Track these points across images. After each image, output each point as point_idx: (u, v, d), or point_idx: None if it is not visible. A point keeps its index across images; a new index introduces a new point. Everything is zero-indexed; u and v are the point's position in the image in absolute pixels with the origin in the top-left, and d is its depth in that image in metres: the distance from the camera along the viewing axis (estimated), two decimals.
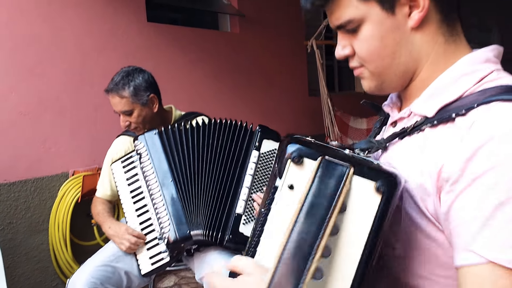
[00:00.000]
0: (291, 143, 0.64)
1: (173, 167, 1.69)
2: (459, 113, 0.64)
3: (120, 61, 2.78)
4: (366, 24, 0.70)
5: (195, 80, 3.31)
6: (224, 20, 3.79)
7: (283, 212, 0.62)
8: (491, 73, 0.68)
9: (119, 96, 1.78)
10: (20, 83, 2.39)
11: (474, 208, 0.58)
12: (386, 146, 0.76)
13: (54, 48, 2.52)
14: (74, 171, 2.59)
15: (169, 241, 1.63)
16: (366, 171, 0.60)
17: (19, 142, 2.39)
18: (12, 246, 2.38)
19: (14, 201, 2.38)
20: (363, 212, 0.59)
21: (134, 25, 2.91)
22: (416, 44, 0.70)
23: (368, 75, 0.75)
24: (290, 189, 0.63)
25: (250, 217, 1.64)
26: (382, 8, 0.68)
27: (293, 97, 4.22)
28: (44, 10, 2.47)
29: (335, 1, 0.71)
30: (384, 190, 0.58)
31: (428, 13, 0.68)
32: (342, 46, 0.75)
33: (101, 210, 1.90)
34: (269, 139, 1.71)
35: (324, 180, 0.59)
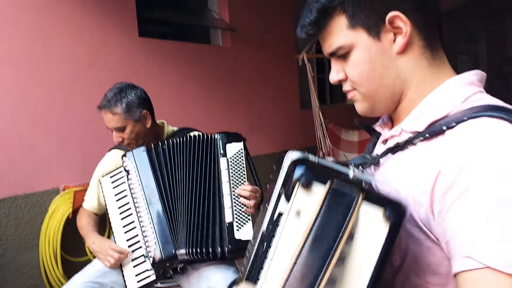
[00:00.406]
0: (299, 165, 0.62)
1: (160, 185, 1.69)
2: (449, 126, 0.67)
3: (112, 76, 2.79)
4: (355, 50, 0.76)
5: (187, 94, 3.32)
6: (216, 34, 3.82)
7: (289, 238, 0.61)
8: (474, 94, 0.72)
9: (111, 113, 1.78)
10: (10, 99, 2.39)
11: (468, 217, 0.60)
12: (379, 161, 0.79)
13: (44, 63, 2.52)
14: (65, 187, 2.58)
15: (155, 260, 1.63)
16: (374, 198, 0.60)
17: (10, 157, 2.38)
18: (2, 263, 2.35)
19: (4, 218, 2.36)
20: (371, 240, 0.59)
21: (126, 40, 2.92)
22: (402, 67, 0.76)
23: (360, 97, 0.80)
24: (297, 215, 0.61)
25: (241, 221, 1.65)
26: (369, 35, 0.74)
27: (285, 110, 4.25)
28: (35, 25, 2.48)
29: (326, 30, 0.77)
30: (393, 218, 0.59)
31: (411, 39, 0.74)
32: (335, 71, 0.81)
33: (85, 224, 1.90)
34: (231, 142, 1.73)
35: (333, 207, 0.59)
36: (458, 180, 0.61)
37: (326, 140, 3.82)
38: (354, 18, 0.75)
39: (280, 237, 0.62)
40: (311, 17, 0.77)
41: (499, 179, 0.59)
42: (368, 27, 0.74)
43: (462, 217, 0.61)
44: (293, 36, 4.38)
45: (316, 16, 0.77)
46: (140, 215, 1.69)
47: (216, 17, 3.73)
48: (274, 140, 4.08)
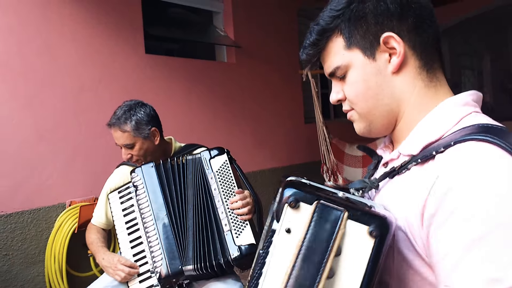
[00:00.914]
0: (287, 187, 0.66)
1: (168, 200, 1.73)
2: (438, 151, 0.68)
3: (118, 92, 2.83)
4: (352, 70, 0.79)
5: (193, 109, 3.36)
6: (221, 50, 3.87)
7: (281, 256, 0.64)
8: (469, 114, 0.73)
9: (121, 131, 1.82)
10: (17, 115, 2.42)
11: (449, 242, 0.60)
12: (378, 185, 0.80)
13: (52, 79, 2.56)
14: (71, 202, 2.60)
15: (161, 276, 1.65)
16: (359, 215, 0.62)
17: (16, 173, 2.41)
18: (8, 278, 2.36)
19: (10, 233, 2.37)
20: (358, 255, 0.61)
21: (132, 56, 2.97)
22: (397, 87, 0.77)
23: (357, 117, 0.83)
24: (287, 233, 0.65)
25: (239, 228, 1.68)
26: (364, 55, 0.77)
27: (289, 125, 4.27)
28: (43, 41, 2.53)
29: (326, 51, 0.81)
30: (377, 234, 0.61)
31: (406, 59, 0.76)
32: (335, 92, 0.85)
33: (95, 240, 1.91)
34: (215, 157, 1.79)
35: (320, 224, 0.62)
36: (443, 205, 0.61)
37: (330, 155, 3.83)
38: (350, 39, 0.78)
39: (273, 254, 0.66)
40: (311, 39, 0.82)
41: (481, 203, 0.58)
42: (363, 47, 0.77)
43: (444, 243, 0.61)
44: (297, 52, 4.41)
45: (315, 37, 0.81)
46: (147, 230, 1.71)
47: (221, 33, 3.78)
48: (279, 155, 4.09)
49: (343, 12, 0.78)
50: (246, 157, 3.75)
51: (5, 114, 2.38)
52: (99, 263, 1.82)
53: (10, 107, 2.40)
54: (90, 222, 2.02)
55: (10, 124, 2.39)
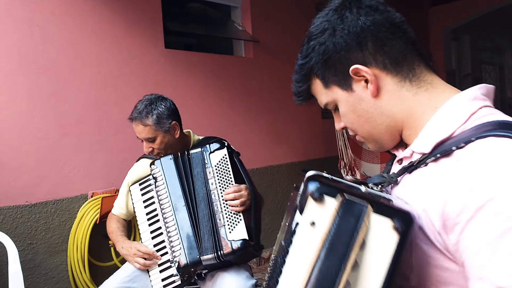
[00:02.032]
0: (311, 181, 0.67)
1: (186, 192, 1.77)
2: (459, 146, 0.68)
3: (139, 86, 2.88)
4: (339, 104, 0.84)
5: (211, 104, 3.39)
6: (239, 45, 3.89)
7: (305, 247, 0.65)
8: (479, 109, 0.73)
9: (142, 124, 1.85)
10: (42, 108, 2.49)
11: (480, 238, 0.61)
12: (397, 181, 0.81)
13: (74, 74, 2.62)
14: (93, 193, 2.66)
15: (180, 265, 1.69)
16: (383, 209, 0.64)
17: (41, 165, 2.48)
18: (32, 267, 2.43)
19: (34, 222, 2.45)
20: (381, 249, 0.63)
21: (152, 51, 3.01)
22: (384, 107, 0.80)
23: (364, 139, 0.87)
24: (312, 225, 0.66)
25: (232, 223, 1.72)
26: (343, 89, 0.81)
27: (306, 120, 4.27)
28: (65, 38, 2.58)
29: (313, 92, 0.88)
30: (401, 228, 0.62)
31: (381, 81, 0.78)
32: (337, 122, 0.89)
33: (115, 229, 1.97)
34: (214, 151, 1.82)
35: (345, 218, 0.63)
36: (470, 201, 0.62)
37: (347, 150, 3.83)
38: (325, 79, 0.82)
39: (296, 246, 0.67)
40: (295, 87, 0.89)
41: (509, 197, 0.59)
42: (339, 83, 0.81)
43: (474, 238, 0.62)
44: None
45: (298, 85, 0.88)
46: (166, 221, 1.76)
47: (239, 28, 3.80)
48: (296, 150, 4.10)
49: (310, 57, 0.82)
50: (263, 152, 3.77)
51: (29, 108, 2.44)
52: (119, 251, 1.88)
53: (33, 102, 2.46)
54: (111, 212, 2.07)
55: (34, 118, 2.46)
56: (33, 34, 2.46)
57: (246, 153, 1.91)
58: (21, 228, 2.39)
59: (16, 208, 2.38)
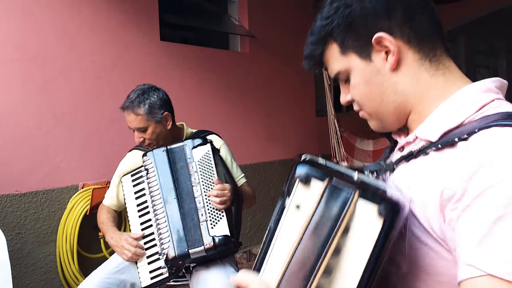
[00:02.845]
0: (300, 164, 0.67)
1: (177, 184, 1.76)
2: (461, 138, 0.67)
3: (133, 78, 2.86)
4: (352, 73, 0.80)
5: (205, 98, 3.38)
6: (235, 40, 3.88)
7: (289, 230, 0.65)
8: (492, 101, 0.71)
9: (134, 114, 1.84)
10: (35, 98, 2.47)
11: (474, 225, 0.60)
12: (394, 168, 0.79)
13: (69, 64, 2.60)
14: (84, 184, 2.64)
15: (168, 258, 1.69)
16: (370, 195, 0.62)
17: (32, 154, 2.46)
18: (20, 256, 2.42)
19: (24, 212, 2.43)
20: (365, 235, 0.61)
21: (148, 43, 2.99)
22: (399, 83, 0.77)
23: (368, 116, 0.84)
24: (297, 208, 0.65)
25: (214, 219, 1.72)
26: (361, 58, 0.77)
27: (300, 117, 4.27)
28: (60, 27, 2.56)
29: (325, 59, 0.83)
30: (386, 215, 0.60)
31: (403, 55, 0.75)
32: (344, 94, 0.86)
33: (105, 219, 1.96)
34: (197, 147, 1.81)
35: (330, 202, 0.62)
36: (468, 189, 0.61)
37: (340, 148, 3.84)
38: (344, 45, 0.78)
39: (281, 228, 0.66)
40: (308, 50, 0.84)
41: (505, 186, 0.59)
42: (358, 51, 0.77)
43: (468, 224, 0.61)
44: None
45: (312, 48, 0.83)
46: (156, 213, 1.76)
47: (236, 23, 3.78)
48: (289, 147, 4.11)
49: (332, 19, 0.78)
50: (256, 148, 3.77)
51: (22, 97, 2.42)
52: (108, 242, 1.87)
53: (26, 91, 2.44)
54: (102, 203, 2.06)
55: (26, 107, 2.44)
56: (27, 23, 2.43)
57: (239, 149, 1.91)
58: (10, 217, 2.37)
59: (5, 197, 2.36)
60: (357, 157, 3.93)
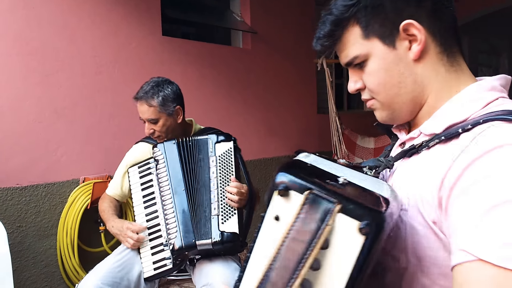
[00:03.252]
0: (281, 171, 0.63)
1: (186, 176, 1.78)
2: (465, 129, 0.67)
3: (135, 73, 2.86)
4: (371, 59, 0.77)
5: (206, 93, 3.38)
6: (237, 36, 3.87)
7: (268, 243, 0.62)
8: (496, 99, 0.72)
9: (147, 104, 1.86)
10: (36, 91, 2.46)
11: (468, 211, 0.60)
12: (393, 165, 0.79)
13: (69, 57, 2.59)
14: (85, 178, 2.64)
15: (174, 248, 1.71)
16: (352, 209, 0.59)
17: (33, 148, 2.46)
18: (21, 250, 2.42)
19: (24, 205, 2.43)
20: (346, 251, 0.59)
21: (149, 38, 2.98)
22: (419, 74, 0.76)
23: (379, 105, 0.81)
24: (276, 220, 0.63)
25: (226, 215, 1.74)
26: (384, 44, 0.75)
27: (302, 114, 4.27)
28: (61, 20, 2.55)
29: (341, 41, 0.79)
30: (367, 232, 0.57)
31: (427, 46, 0.74)
32: (353, 81, 0.82)
33: (106, 207, 1.97)
34: (220, 142, 1.84)
35: (309, 215, 0.59)
36: (464, 175, 0.62)
37: (341, 145, 3.84)
38: (368, 28, 0.75)
39: (260, 240, 0.64)
40: (325, 30, 0.79)
41: (502, 175, 0.59)
42: (382, 36, 0.75)
43: (463, 211, 0.61)
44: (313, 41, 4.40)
45: (330, 28, 0.78)
46: (164, 204, 1.78)
47: (238, 19, 3.78)
48: (290, 143, 4.10)
49: (358, 0, 0.75)
50: (257, 144, 3.77)
51: (22, 91, 2.42)
52: (109, 230, 1.88)
53: (27, 84, 2.43)
54: (105, 192, 2.07)
55: (27, 100, 2.43)
56: (28, 16, 2.43)
57: (240, 145, 1.91)
58: (10, 210, 2.38)
59: (6, 190, 2.36)
60: (358, 155, 3.93)
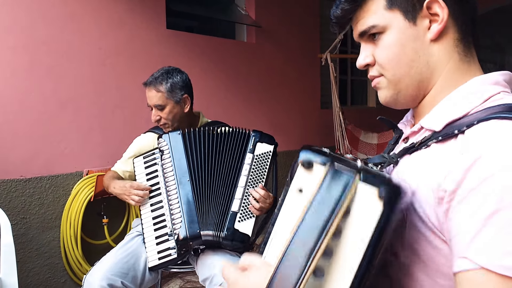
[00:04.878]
0: (304, 150, 0.68)
1: (191, 167, 1.79)
2: (461, 130, 0.67)
3: (139, 65, 2.86)
4: (389, 32, 0.75)
5: (210, 87, 3.37)
6: (241, 30, 3.86)
7: (292, 213, 0.66)
8: (498, 93, 0.71)
9: (155, 90, 1.89)
10: (40, 83, 2.47)
11: (469, 217, 0.60)
12: (398, 161, 0.79)
13: (74, 50, 2.60)
14: (88, 171, 2.65)
15: (179, 238, 1.72)
16: (370, 178, 0.63)
17: (37, 140, 2.47)
18: (24, 241, 2.44)
19: (28, 197, 2.44)
20: (366, 217, 0.61)
21: (154, 31, 2.98)
22: (433, 55, 0.75)
23: (385, 84, 0.79)
24: (300, 192, 0.67)
25: (245, 215, 1.74)
26: (405, 18, 0.74)
27: (305, 109, 4.26)
28: (65, 13, 2.55)
29: (362, 8, 0.77)
30: (387, 197, 0.60)
31: (446, 29, 0.73)
32: (364, 55, 0.80)
33: (109, 176, 2.00)
34: (263, 142, 1.82)
35: (331, 185, 0.63)
36: (464, 181, 0.61)
37: (345, 141, 3.83)
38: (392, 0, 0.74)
39: (284, 211, 0.68)
40: None
41: (501, 180, 0.58)
42: (405, 9, 0.74)
43: (464, 216, 0.61)
44: (317, 36, 4.39)
45: None
46: (169, 194, 1.78)
47: (243, 13, 3.76)
48: (293, 138, 4.10)
49: None
50: None
51: (27, 82, 2.42)
52: (112, 192, 1.91)
53: (32, 76, 2.44)
54: (111, 169, 2.10)
55: (31, 92, 2.44)
56: (33, 8, 2.43)
57: None
58: (14, 202, 2.39)
59: (10, 182, 2.37)
60: (361, 150, 3.93)
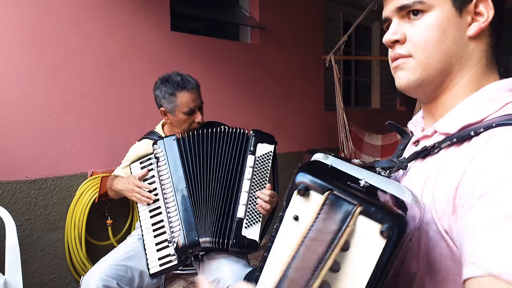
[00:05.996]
0: (301, 171, 0.62)
1: (188, 173, 1.76)
2: (477, 132, 0.65)
3: (143, 67, 2.86)
4: (434, 13, 0.72)
5: (214, 88, 3.37)
6: (245, 31, 3.86)
7: (287, 242, 0.61)
8: None
9: (199, 91, 1.95)
10: (46, 84, 2.48)
11: (480, 223, 0.59)
12: (407, 166, 0.77)
13: (80, 51, 2.61)
14: (93, 172, 2.66)
15: (178, 246, 1.70)
16: (373, 211, 0.58)
17: (42, 141, 2.47)
18: (29, 242, 2.44)
19: (33, 198, 2.45)
20: (366, 254, 0.58)
21: (158, 33, 2.99)
22: (468, 53, 0.73)
23: (413, 65, 0.75)
24: (295, 220, 0.62)
25: (251, 220, 1.72)
26: (453, 5, 0.72)
27: (309, 111, 4.26)
28: (72, 14, 2.56)
29: None
30: (389, 235, 0.56)
31: (484, 31, 0.73)
32: (393, 32, 0.77)
33: (111, 177, 2.01)
34: (263, 142, 1.79)
35: (329, 216, 0.58)
36: (476, 186, 0.60)
37: (349, 142, 3.82)
38: None
39: (279, 240, 0.63)
40: None
41: None
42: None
43: (475, 222, 0.59)
44: (322, 37, 4.39)
45: None
46: (166, 201, 1.76)
47: (247, 14, 3.77)
48: (297, 140, 4.10)
49: None
50: None
51: (33, 84, 2.43)
52: (115, 189, 1.91)
53: (37, 77, 2.45)
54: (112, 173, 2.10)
55: (37, 93, 2.45)
56: (39, 10, 2.44)
57: None
58: (19, 203, 2.40)
59: (15, 183, 2.38)
60: (365, 152, 3.92)
